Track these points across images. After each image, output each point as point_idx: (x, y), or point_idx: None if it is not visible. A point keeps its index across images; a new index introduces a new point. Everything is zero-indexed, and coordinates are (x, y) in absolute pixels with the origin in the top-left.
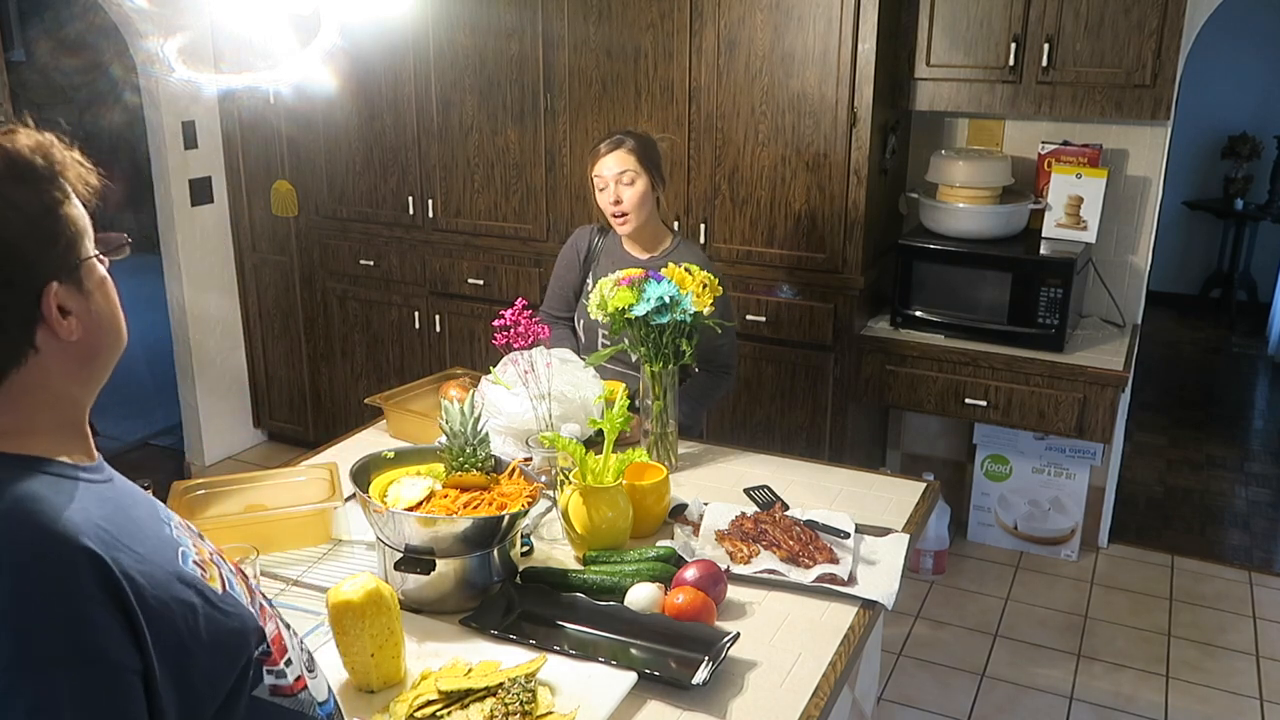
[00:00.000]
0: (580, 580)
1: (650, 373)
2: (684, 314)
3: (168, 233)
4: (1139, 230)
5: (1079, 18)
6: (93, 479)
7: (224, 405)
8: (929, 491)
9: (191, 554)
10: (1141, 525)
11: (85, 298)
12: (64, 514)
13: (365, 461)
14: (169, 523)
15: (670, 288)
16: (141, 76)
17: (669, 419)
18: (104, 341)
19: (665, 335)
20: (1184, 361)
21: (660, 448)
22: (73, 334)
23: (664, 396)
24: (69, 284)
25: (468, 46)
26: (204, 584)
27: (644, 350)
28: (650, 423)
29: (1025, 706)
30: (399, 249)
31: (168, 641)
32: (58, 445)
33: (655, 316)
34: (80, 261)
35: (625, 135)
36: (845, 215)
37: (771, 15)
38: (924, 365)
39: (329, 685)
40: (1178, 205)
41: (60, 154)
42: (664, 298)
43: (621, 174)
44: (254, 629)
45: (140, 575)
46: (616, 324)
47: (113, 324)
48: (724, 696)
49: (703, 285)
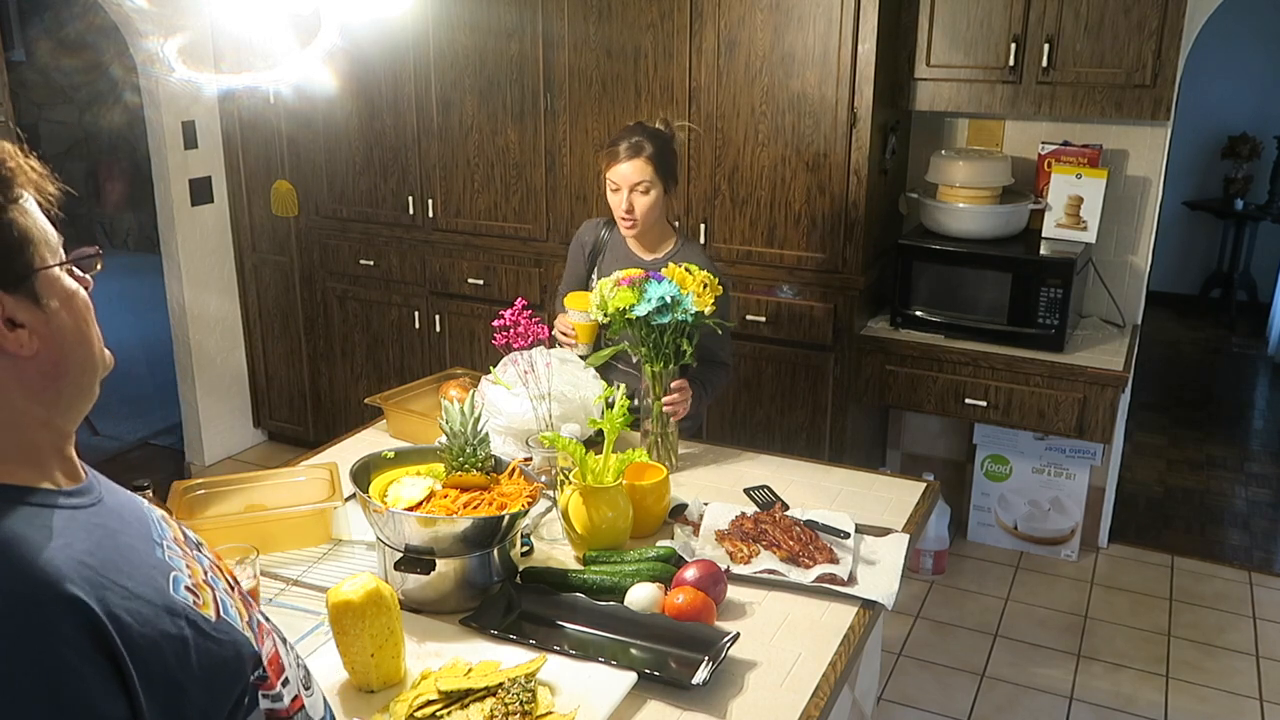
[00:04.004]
0: (580, 580)
1: (651, 373)
2: (685, 314)
3: (168, 233)
4: (1139, 230)
5: (1079, 18)
6: (77, 504)
7: (224, 405)
8: (929, 491)
9: (184, 578)
10: (1141, 525)
11: (42, 310)
12: (43, 555)
13: (365, 461)
14: (161, 542)
15: (671, 288)
16: (141, 76)
17: (669, 419)
18: (70, 358)
19: (666, 335)
20: (1184, 361)
21: (661, 447)
22: (23, 348)
23: (664, 396)
24: (19, 295)
25: (468, 46)
26: (196, 613)
27: (644, 351)
28: (650, 423)
29: (1025, 706)
30: (399, 249)
31: (157, 679)
32: (35, 470)
33: (656, 317)
34: (33, 271)
35: (645, 139)
36: (845, 215)
37: (771, 15)
38: (924, 365)
39: (325, 700)
40: (1178, 205)
41: (14, 161)
42: (665, 298)
43: (638, 184)
44: (249, 655)
45: (127, 613)
46: (617, 324)
47: (80, 340)
48: (724, 696)
49: (703, 285)
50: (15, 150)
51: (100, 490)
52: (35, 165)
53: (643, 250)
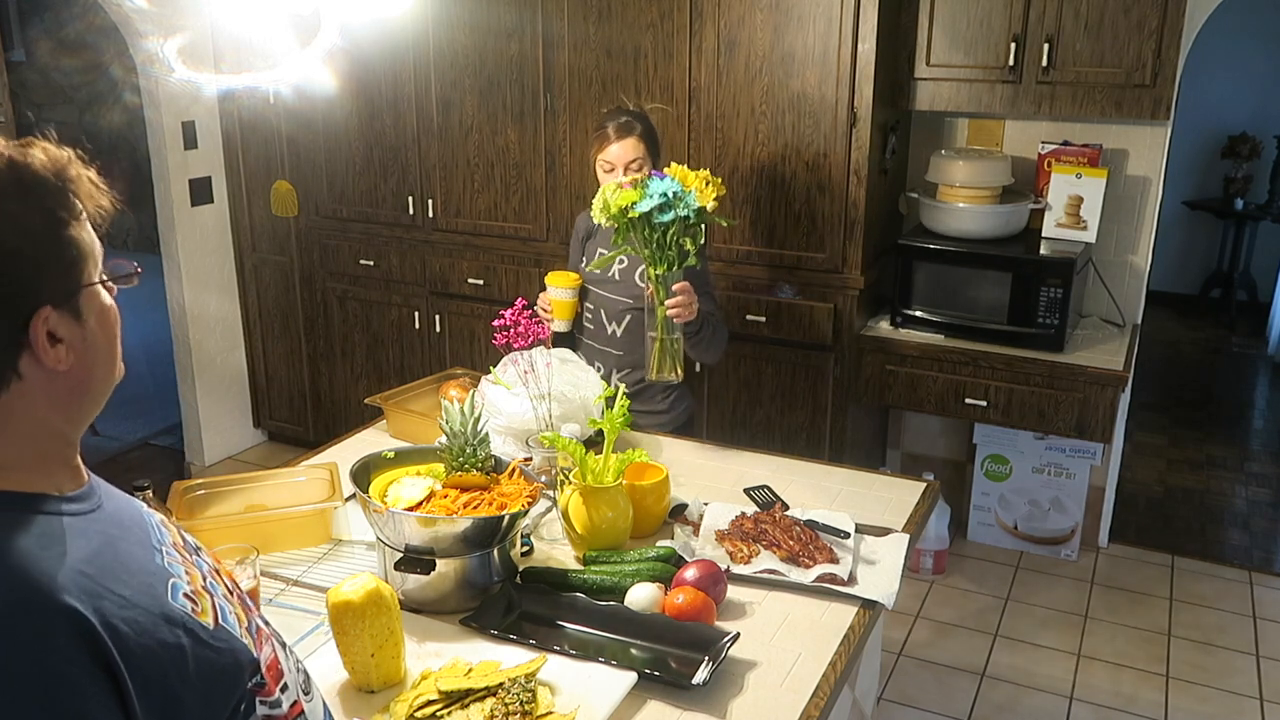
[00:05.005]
0: (580, 580)
1: (654, 276)
2: (688, 209)
3: (168, 233)
4: (1139, 230)
5: (1079, 17)
6: (78, 510)
7: (224, 405)
8: (929, 491)
9: (183, 584)
10: (1141, 525)
11: (81, 326)
12: (41, 564)
13: (365, 461)
14: (160, 548)
15: (673, 184)
16: (141, 76)
17: (674, 327)
18: (96, 374)
19: (670, 234)
20: (1184, 361)
21: (666, 356)
22: (60, 363)
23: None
24: (64, 310)
25: (468, 46)
26: (194, 620)
27: (648, 253)
28: (655, 330)
29: (1025, 706)
30: (399, 249)
31: (154, 689)
32: (42, 477)
33: (659, 214)
34: (80, 287)
35: (633, 119)
36: (845, 215)
37: (771, 15)
38: (924, 365)
39: (325, 705)
40: (1178, 205)
41: (76, 172)
42: (667, 193)
43: (631, 161)
44: (248, 662)
45: (124, 623)
46: (621, 229)
47: (107, 357)
48: (724, 696)
49: (704, 182)
50: (74, 158)
51: (100, 495)
52: (94, 176)
53: None
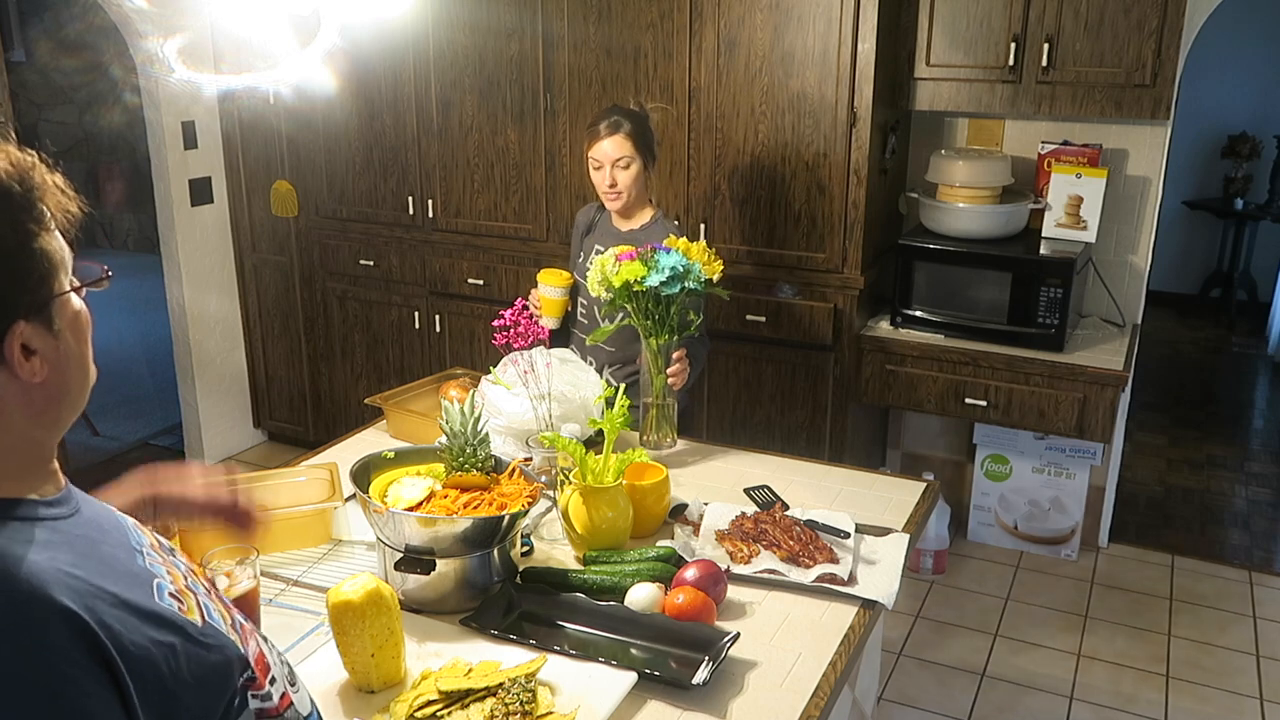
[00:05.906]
0: (580, 580)
1: (653, 346)
2: (696, 281)
3: (168, 233)
4: (1139, 230)
5: (1079, 17)
6: (58, 514)
7: (224, 405)
8: (929, 491)
9: (167, 584)
10: (1141, 525)
11: (54, 337)
12: (30, 568)
13: (365, 462)
14: (141, 550)
15: (679, 258)
16: (141, 76)
17: (668, 394)
18: (71, 381)
19: (674, 307)
20: (1184, 361)
21: (659, 423)
22: (35, 376)
23: (664, 370)
24: (37, 322)
25: (468, 46)
26: (182, 618)
27: (649, 324)
28: (651, 397)
29: (1025, 706)
30: (399, 249)
31: (151, 687)
32: (21, 484)
33: (666, 287)
34: (52, 298)
35: (622, 117)
36: (845, 215)
37: (771, 15)
38: (924, 365)
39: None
40: (1178, 205)
41: (40, 178)
42: (676, 267)
43: (619, 159)
44: (237, 658)
45: (117, 622)
46: (620, 297)
47: (81, 363)
48: (724, 696)
49: (708, 256)
50: (37, 162)
51: (77, 500)
52: (59, 181)
53: (623, 223)
